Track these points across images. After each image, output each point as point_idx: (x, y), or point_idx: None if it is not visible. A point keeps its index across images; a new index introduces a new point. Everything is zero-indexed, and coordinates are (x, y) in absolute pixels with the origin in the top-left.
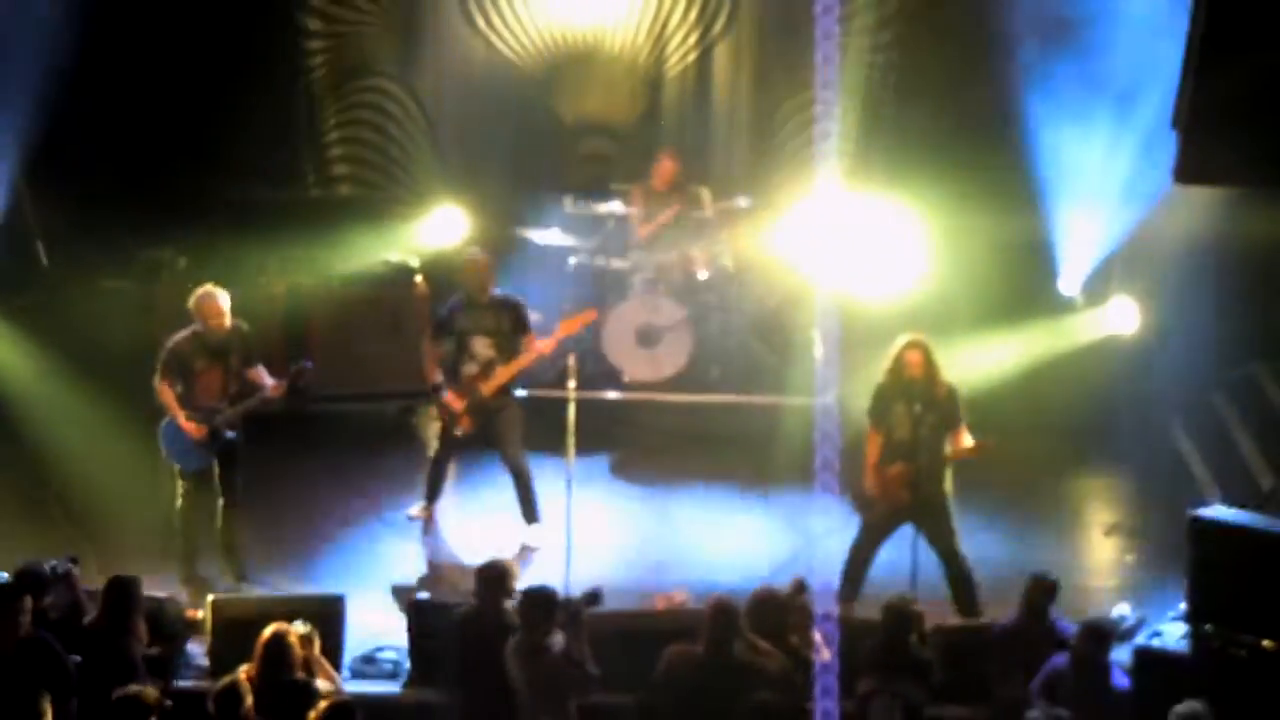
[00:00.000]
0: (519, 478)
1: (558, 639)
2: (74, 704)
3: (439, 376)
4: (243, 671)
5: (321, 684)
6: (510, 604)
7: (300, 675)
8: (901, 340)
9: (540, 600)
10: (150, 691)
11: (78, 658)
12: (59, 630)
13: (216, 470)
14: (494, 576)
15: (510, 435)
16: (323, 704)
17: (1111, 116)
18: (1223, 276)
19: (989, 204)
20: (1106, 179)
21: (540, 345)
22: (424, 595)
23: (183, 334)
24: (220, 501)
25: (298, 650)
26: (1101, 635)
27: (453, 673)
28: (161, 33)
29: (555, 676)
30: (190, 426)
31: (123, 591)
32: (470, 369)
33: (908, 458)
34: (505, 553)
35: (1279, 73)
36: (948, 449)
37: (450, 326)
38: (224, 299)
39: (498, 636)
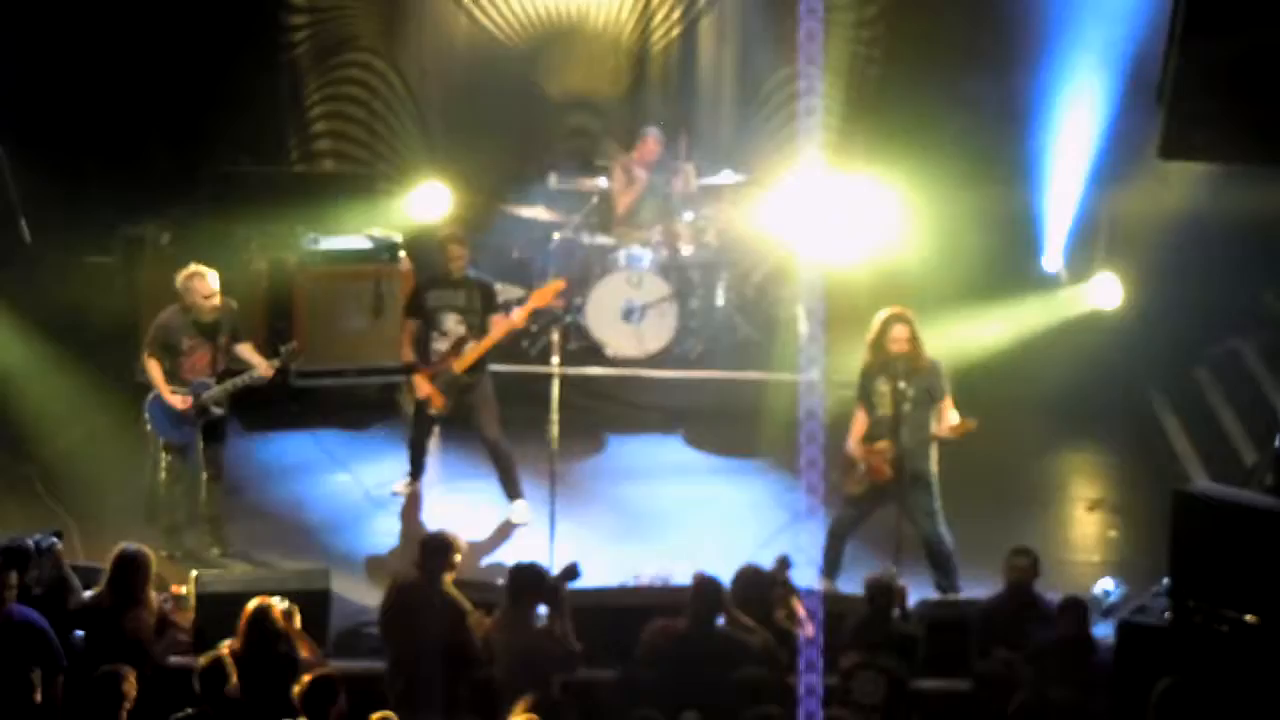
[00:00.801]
0: (497, 455)
1: (540, 615)
2: (61, 680)
3: (411, 356)
4: (225, 646)
5: (303, 657)
6: (450, 577)
7: (284, 649)
8: (884, 314)
9: (527, 576)
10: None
11: (80, 632)
12: (44, 605)
13: (201, 444)
14: (436, 548)
15: (485, 412)
16: (306, 678)
17: (1096, 89)
18: (1207, 252)
19: (973, 179)
20: (1090, 153)
21: (512, 318)
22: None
23: (170, 310)
24: (204, 475)
25: (281, 625)
26: (1083, 610)
27: (382, 639)
28: (145, 5)
29: (538, 652)
30: (176, 399)
31: (132, 565)
32: (440, 345)
33: (891, 435)
34: (484, 528)
35: (1263, 48)
36: (932, 427)
37: (422, 303)
38: (213, 278)
39: (427, 607)
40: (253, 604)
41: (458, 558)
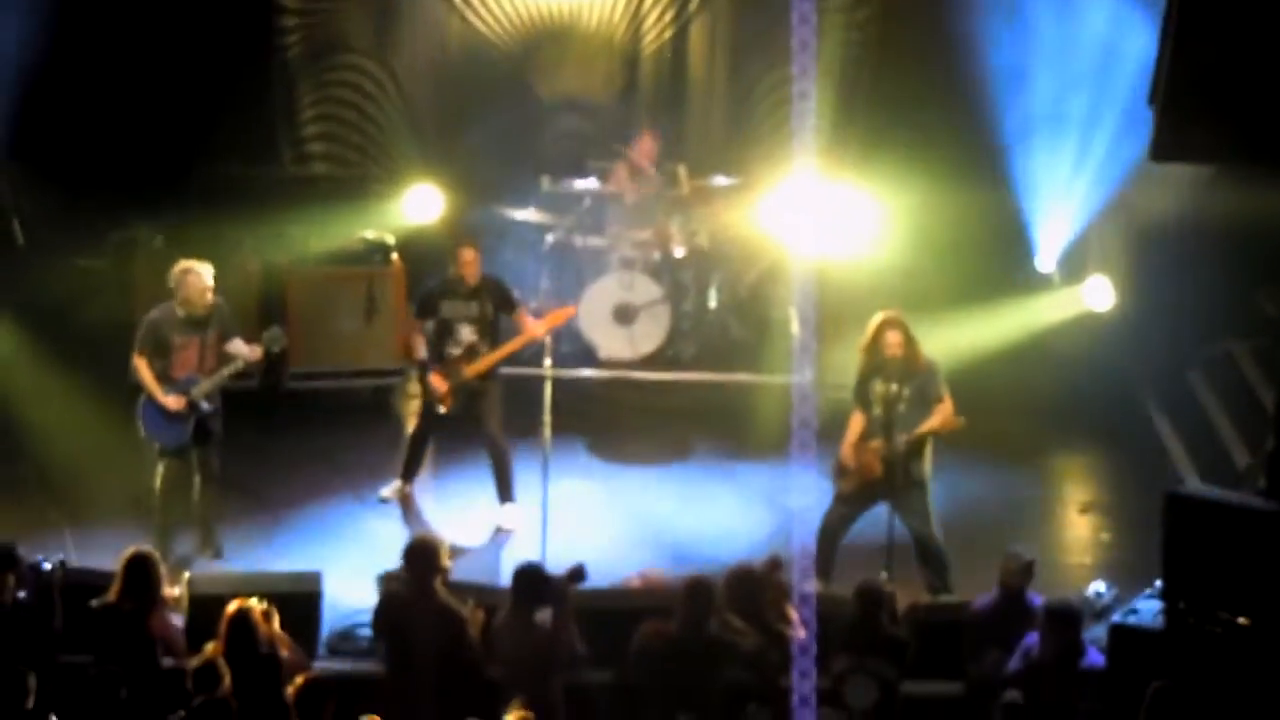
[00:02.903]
0: (496, 455)
1: (544, 616)
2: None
3: (424, 353)
4: (209, 648)
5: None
6: (440, 580)
7: (266, 650)
8: (878, 319)
9: (530, 577)
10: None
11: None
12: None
13: (194, 446)
14: (419, 554)
15: (491, 413)
16: (299, 680)
17: (1088, 92)
18: (1199, 254)
19: (966, 181)
20: (1083, 156)
21: (531, 328)
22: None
23: (161, 307)
24: (197, 478)
25: (262, 626)
26: (1070, 613)
27: (377, 647)
28: (137, 10)
29: (544, 654)
30: (169, 400)
31: (145, 567)
32: (454, 351)
33: (884, 434)
34: (477, 532)
35: (1255, 50)
36: (923, 425)
37: (433, 309)
38: (207, 274)
39: (420, 613)
40: (232, 606)
41: (445, 561)
